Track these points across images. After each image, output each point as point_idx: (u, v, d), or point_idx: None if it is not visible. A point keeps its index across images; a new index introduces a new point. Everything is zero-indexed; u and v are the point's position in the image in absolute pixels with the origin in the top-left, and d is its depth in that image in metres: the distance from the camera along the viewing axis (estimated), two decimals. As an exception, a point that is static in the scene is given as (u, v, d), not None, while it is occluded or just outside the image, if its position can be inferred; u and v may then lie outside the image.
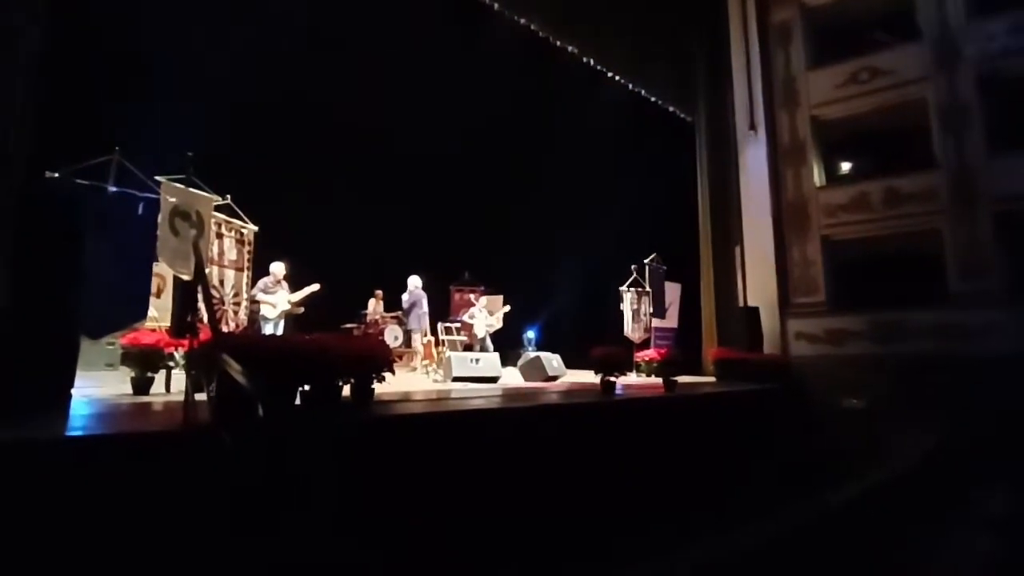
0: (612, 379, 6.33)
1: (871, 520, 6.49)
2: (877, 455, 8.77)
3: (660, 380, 7.18)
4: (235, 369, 3.17)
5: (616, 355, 6.37)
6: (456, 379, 7.69)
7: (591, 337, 13.55)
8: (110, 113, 6.27)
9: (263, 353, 3.66)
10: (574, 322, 14.56)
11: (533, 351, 13.17)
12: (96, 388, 5.44)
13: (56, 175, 4.55)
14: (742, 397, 8.02)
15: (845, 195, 11.00)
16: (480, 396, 5.90)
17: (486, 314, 11.88)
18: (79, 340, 3.97)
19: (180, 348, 5.06)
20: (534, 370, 8.63)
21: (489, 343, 11.44)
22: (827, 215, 11.09)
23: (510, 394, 6.34)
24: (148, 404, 4.42)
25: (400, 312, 10.36)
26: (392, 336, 10.46)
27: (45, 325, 3.67)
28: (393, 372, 4.48)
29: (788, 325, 11.11)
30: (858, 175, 11.29)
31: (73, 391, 4.10)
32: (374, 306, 11.37)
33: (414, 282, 9.96)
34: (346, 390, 4.40)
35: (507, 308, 12.03)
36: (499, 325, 12.67)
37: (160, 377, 5.11)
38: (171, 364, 5.17)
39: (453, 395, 5.65)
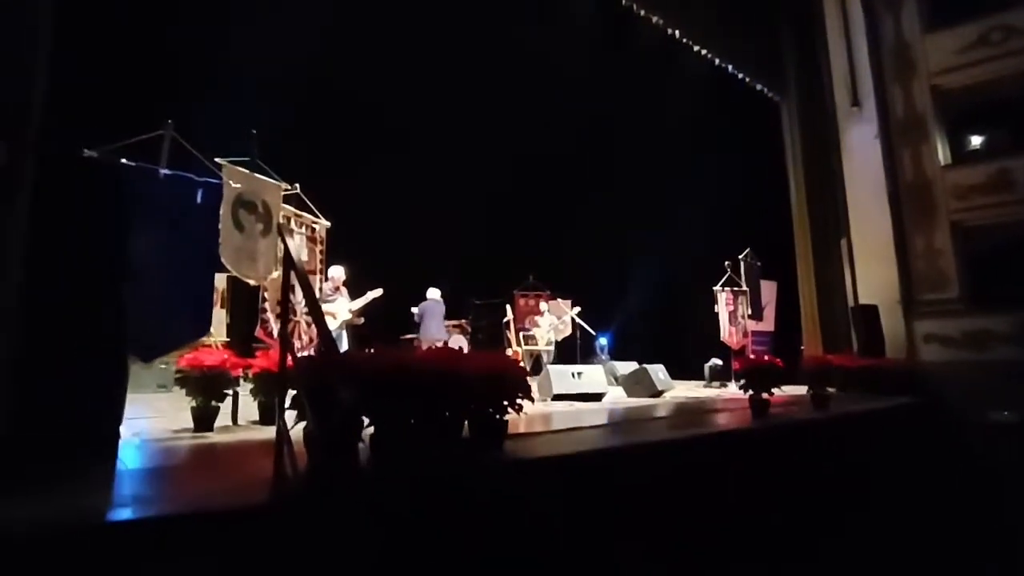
0: (766, 397, 5.08)
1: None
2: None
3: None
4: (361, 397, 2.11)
5: (771, 367, 5.11)
6: (557, 397, 6.51)
7: (672, 343, 12.36)
8: (164, 87, 5.33)
9: (379, 374, 2.59)
10: (652, 327, 13.31)
11: (607, 360, 11.96)
12: (148, 418, 4.49)
13: (94, 154, 3.55)
14: (894, 413, 6.70)
15: (979, 174, 9.46)
16: (614, 421, 4.76)
17: (553, 319, 10.74)
18: (127, 365, 2.92)
19: (249, 369, 4.08)
20: (639, 384, 7.37)
21: (552, 352, 10.29)
22: (957, 198, 9.56)
23: (642, 418, 5.15)
24: (228, 450, 3.36)
25: (414, 316, 9.23)
26: (456, 347, 9.35)
27: (83, 348, 2.64)
28: (532, 400, 3.36)
29: (914, 327, 9.60)
30: (994, 150, 9.72)
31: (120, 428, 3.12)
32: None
33: (432, 294, 9.06)
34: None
35: (577, 310, 10.84)
36: (568, 331, 11.52)
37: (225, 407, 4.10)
38: (238, 389, 4.17)
39: (587, 422, 4.47)
